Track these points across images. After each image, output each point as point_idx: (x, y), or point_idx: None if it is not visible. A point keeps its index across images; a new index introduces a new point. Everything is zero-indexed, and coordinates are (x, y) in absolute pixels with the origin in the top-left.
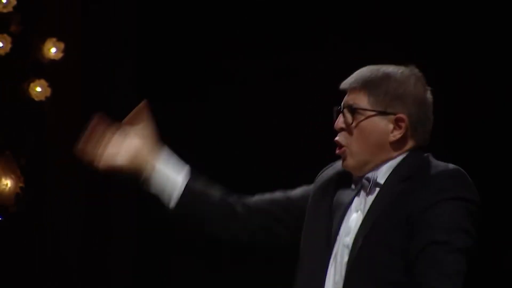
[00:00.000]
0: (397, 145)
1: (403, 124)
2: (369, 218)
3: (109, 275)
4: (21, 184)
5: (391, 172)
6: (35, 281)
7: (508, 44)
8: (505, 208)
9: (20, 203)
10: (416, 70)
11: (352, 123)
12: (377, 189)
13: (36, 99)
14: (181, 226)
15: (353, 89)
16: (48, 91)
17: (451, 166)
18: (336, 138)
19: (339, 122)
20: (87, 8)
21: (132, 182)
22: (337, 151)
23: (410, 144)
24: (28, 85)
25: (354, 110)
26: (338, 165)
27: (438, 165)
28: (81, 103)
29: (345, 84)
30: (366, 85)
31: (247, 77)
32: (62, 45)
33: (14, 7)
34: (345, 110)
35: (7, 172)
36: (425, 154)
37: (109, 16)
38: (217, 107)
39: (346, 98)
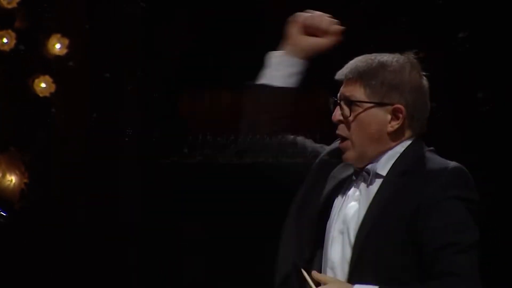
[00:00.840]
0: (395, 135)
1: (400, 115)
2: (371, 211)
3: (113, 271)
4: (25, 180)
5: (392, 164)
6: (39, 277)
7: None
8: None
9: (25, 199)
10: (411, 57)
11: (350, 115)
12: (377, 180)
13: (40, 95)
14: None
15: (349, 80)
16: (53, 87)
17: (452, 163)
18: (338, 132)
19: (337, 114)
20: (92, 4)
21: None
22: (339, 145)
23: (408, 133)
24: (33, 81)
25: (351, 103)
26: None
27: (440, 160)
28: (86, 99)
29: (340, 74)
30: (362, 76)
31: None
32: (66, 41)
33: (18, 3)
34: (342, 102)
35: (11, 168)
36: (427, 148)
37: (113, 12)
38: None
39: (342, 89)
